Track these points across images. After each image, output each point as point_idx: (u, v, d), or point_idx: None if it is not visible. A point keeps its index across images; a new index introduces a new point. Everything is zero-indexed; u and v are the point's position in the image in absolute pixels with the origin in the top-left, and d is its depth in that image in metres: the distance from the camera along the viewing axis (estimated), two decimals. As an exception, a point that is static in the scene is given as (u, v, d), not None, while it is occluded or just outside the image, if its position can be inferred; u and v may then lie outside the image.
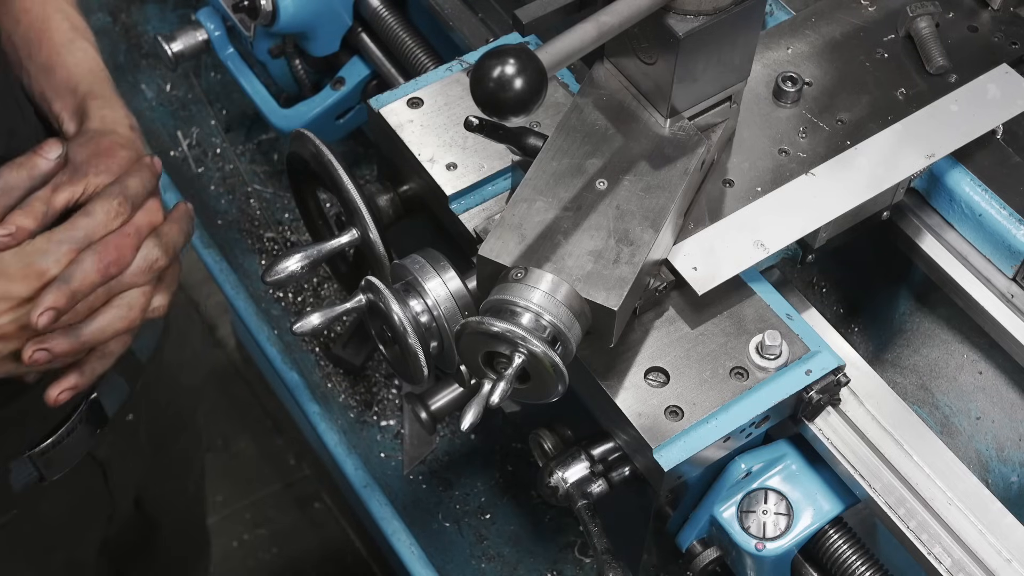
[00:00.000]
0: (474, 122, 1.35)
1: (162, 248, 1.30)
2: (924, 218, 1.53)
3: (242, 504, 3.14)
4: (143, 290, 1.29)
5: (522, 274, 1.22)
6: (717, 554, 1.41)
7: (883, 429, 1.36)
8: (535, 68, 1.05)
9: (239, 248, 2.27)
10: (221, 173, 2.37)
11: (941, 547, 1.30)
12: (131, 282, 1.28)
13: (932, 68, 1.48)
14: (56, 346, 1.23)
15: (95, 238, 1.25)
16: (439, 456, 2.03)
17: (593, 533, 1.36)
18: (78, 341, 1.25)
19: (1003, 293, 1.48)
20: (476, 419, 1.18)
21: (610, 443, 1.36)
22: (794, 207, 1.38)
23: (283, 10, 1.97)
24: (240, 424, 3.22)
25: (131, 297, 1.28)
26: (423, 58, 1.96)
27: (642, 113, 1.34)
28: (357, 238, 1.45)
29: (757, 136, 1.43)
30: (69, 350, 1.25)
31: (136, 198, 1.29)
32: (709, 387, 1.31)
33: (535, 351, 1.16)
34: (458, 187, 1.44)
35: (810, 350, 1.33)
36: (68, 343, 1.24)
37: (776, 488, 1.37)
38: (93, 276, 1.23)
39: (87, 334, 1.26)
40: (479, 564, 1.95)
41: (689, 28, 1.23)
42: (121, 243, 1.26)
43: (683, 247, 1.35)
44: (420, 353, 1.35)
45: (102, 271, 1.23)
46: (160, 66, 2.51)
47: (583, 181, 1.29)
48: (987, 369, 1.59)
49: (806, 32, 1.52)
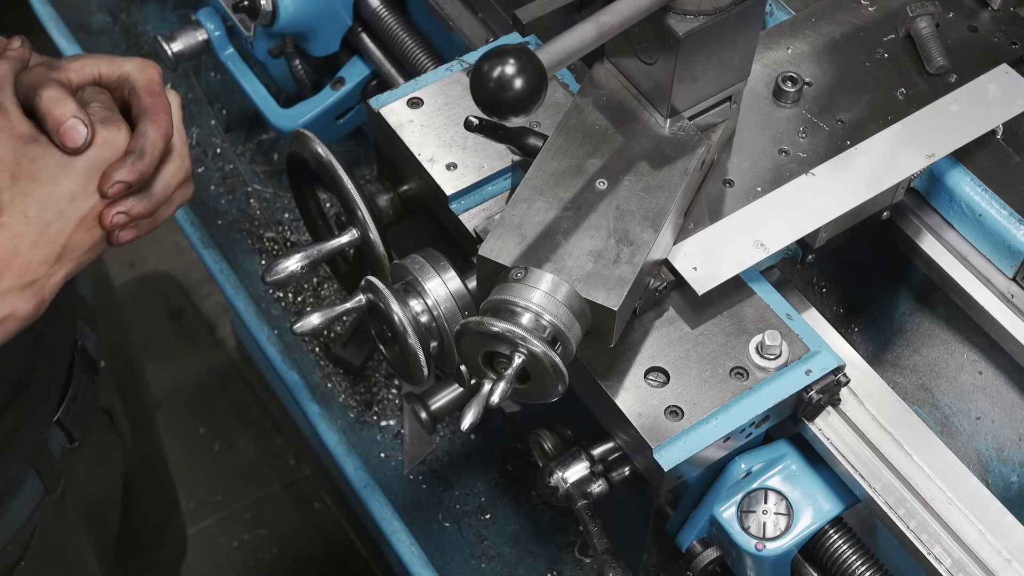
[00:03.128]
0: (474, 122, 1.35)
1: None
2: (924, 218, 1.53)
3: (242, 504, 3.14)
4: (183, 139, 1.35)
5: (522, 274, 1.22)
6: (717, 554, 1.41)
7: (883, 429, 1.36)
8: (535, 68, 1.06)
9: (239, 248, 2.27)
10: (221, 173, 2.37)
11: (941, 547, 1.30)
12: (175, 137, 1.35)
13: (932, 68, 1.48)
14: (133, 207, 1.28)
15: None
16: (439, 456, 2.03)
17: (593, 533, 1.36)
18: (152, 200, 1.30)
19: (1003, 293, 1.48)
20: (476, 419, 1.18)
21: (610, 443, 1.36)
22: (794, 207, 1.38)
23: (283, 10, 1.97)
24: (240, 424, 3.22)
25: (179, 148, 1.33)
26: (423, 58, 1.96)
27: (642, 113, 1.34)
28: (357, 238, 1.46)
29: (757, 136, 1.43)
30: (144, 210, 1.29)
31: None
32: (709, 387, 1.31)
33: (535, 351, 1.16)
34: (458, 187, 1.44)
35: (810, 350, 1.33)
36: (143, 204, 1.29)
37: (776, 488, 1.37)
38: (159, 144, 1.28)
39: (157, 191, 1.31)
40: (479, 564, 1.95)
41: (689, 28, 1.23)
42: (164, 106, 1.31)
43: (683, 247, 1.35)
44: (420, 353, 1.35)
45: (164, 136, 1.29)
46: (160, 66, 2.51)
47: (583, 181, 1.29)
48: (987, 369, 1.59)
49: (806, 32, 1.52)
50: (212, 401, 3.27)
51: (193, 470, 3.08)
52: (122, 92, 1.32)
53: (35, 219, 1.22)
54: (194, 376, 3.32)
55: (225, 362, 3.33)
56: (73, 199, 1.24)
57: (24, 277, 1.22)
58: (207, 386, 3.30)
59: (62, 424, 1.58)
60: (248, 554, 3.08)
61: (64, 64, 1.30)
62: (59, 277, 1.25)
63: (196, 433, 3.22)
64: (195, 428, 3.23)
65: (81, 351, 1.63)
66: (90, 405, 1.65)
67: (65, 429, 1.58)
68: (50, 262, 1.24)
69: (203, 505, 3.08)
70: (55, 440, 1.57)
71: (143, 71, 1.32)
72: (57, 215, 1.23)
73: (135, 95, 1.30)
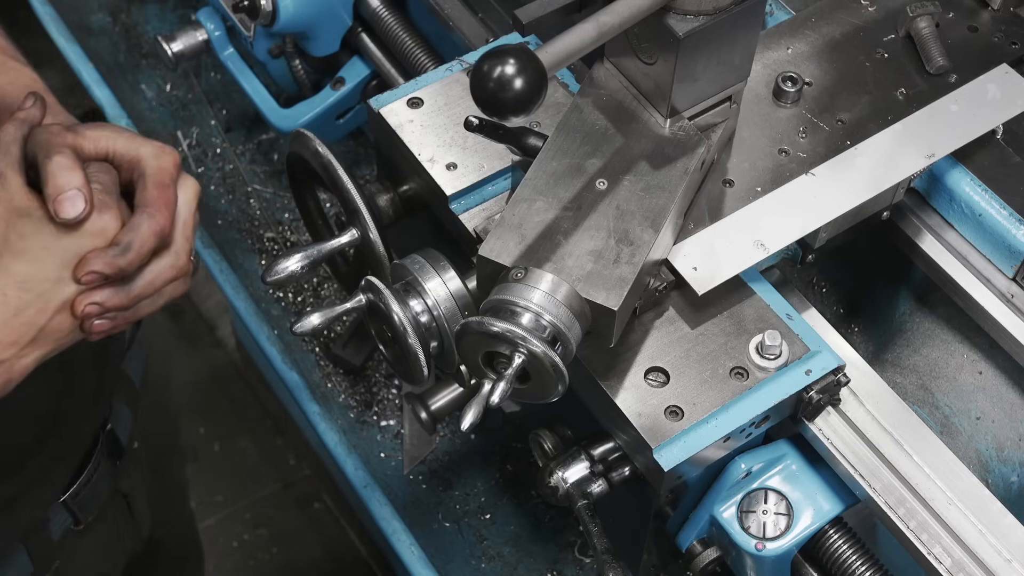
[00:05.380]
0: (474, 122, 1.35)
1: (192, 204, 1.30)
2: (924, 218, 1.53)
3: (242, 504, 3.14)
4: (186, 235, 1.27)
5: (522, 274, 1.22)
6: (717, 554, 1.41)
7: (883, 429, 1.36)
8: (535, 68, 1.06)
9: (239, 248, 2.27)
10: (221, 173, 2.37)
11: (941, 547, 1.30)
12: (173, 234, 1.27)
13: (932, 68, 1.48)
14: (108, 299, 1.21)
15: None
16: (439, 456, 2.03)
17: (593, 533, 1.36)
18: (130, 295, 1.23)
19: (1003, 293, 1.48)
20: (476, 419, 1.18)
21: (610, 443, 1.36)
22: (794, 207, 1.38)
23: (283, 10, 1.97)
24: (240, 424, 3.22)
25: (178, 244, 1.26)
26: (423, 58, 1.96)
27: (642, 113, 1.34)
28: (357, 238, 1.46)
29: (757, 136, 1.43)
30: (120, 303, 1.23)
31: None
32: (709, 387, 1.31)
33: (535, 351, 1.16)
34: (458, 187, 1.44)
35: (810, 350, 1.33)
36: (119, 297, 1.22)
37: (776, 488, 1.37)
38: (149, 241, 1.22)
39: (139, 286, 1.24)
40: (479, 564, 1.95)
41: (689, 28, 1.23)
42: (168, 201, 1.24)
43: (683, 247, 1.35)
44: (420, 353, 1.35)
45: (158, 234, 1.22)
46: (160, 66, 2.51)
47: (583, 181, 1.29)
48: (987, 369, 1.59)
49: (806, 32, 1.52)
50: (212, 401, 3.27)
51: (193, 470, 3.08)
52: (131, 175, 1.25)
53: (13, 299, 1.17)
54: (194, 376, 3.31)
55: (225, 362, 3.33)
56: (57, 282, 1.18)
57: None
58: (207, 386, 3.30)
59: (68, 506, 1.51)
60: (248, 554, 3.08)
61: (82, 130, 1.24)
62: (31, 359, 1.19)
63: (196, 433, 3.22)
64: (195, 428, 3.23)
65: (108, 434, 1.56)
66: (103, 490, 1.57)
67: (71, 511, 1.52)
68: (22, 344, 1.18)
69: (203, 505, 3.08)
70: (58, 521, 1.51)
71: (158, 158, 1.25)
72: (37, 297, 1.17)
73: (142, 183, 1.24)
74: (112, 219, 1.20)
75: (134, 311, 1.25)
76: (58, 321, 1.19)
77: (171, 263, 1.25)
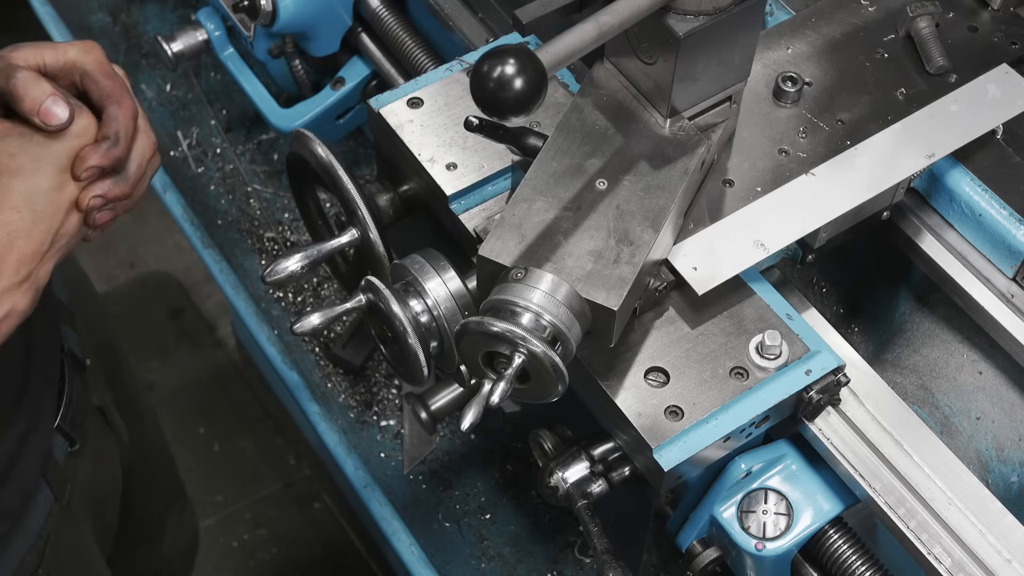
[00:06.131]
0: (474, 122, 1.35)
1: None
2: (924, 218, 1.53)
3: (242, 504, 3.14)
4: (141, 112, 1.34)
5: (522, 274, 1.22)
6: (717, 554, 1.41)
7: (883, 429, 1.36)
8: (535, 68, 1.06)
9: (239, 248, 2.27)
10: (221, 173, 2.37)
11: (941, 547, 1.30)
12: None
13: (932, 68, 1.48)
14: (110, 190, 1.28)
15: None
16: (439, 456, 2.03)
17: (593, 533, 1.36)
18: (128, 182, 1.31)
19: (1003, 293, 1.48)
20: (476, 419, 1.18)
21: (610, 443, 1.36)
22: (794, 207, 1.38)
23: (283, 10, 1.97)
24: (240, 424, 3.22)
25: (142, 123, 1.33)
26: (423, 58, 1.96)
27: (642, 113, 1.34)
28: (357, 238, 1.46)
29: (757, 136, 1.43)
30: (121, 192, 1.30)
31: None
32: (709, 387, 1.31)
33: (535, 351, 1.16)
34: (458, 187, 1.44)
35: (810, 350, 1.33)
36: (120, 186, 1.29)
37: (776, 488, 1.37)
38: (130, 126, 1.28)
39: (132, 171, 1.31)
40: (479, 564, 1.95)
41: (689, 28, 1.23)
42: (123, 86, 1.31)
43: (683, 247, 1.35)
44: (420, 353, 1.35)
45: (133, 117, 1.29)
46: (160, 66, 2.51)
47: (583, 181, 1.29)
48: (987, 369, 1.59)
49: (806, 32, 1.52)
50: (212, 401, 3.27)
51: (193, 470, 3.08)
52: (71, 78, 1.30)
53: (26, 212, 1.22)
54: (194, 376, 3.32)
55: (225, 362, 3.34)
56: (58, 188, 1.24)
57: (20, 271, 1.22)
58: (207, 386, 3.31)
59: (62, 430, 1.58)
60: (248, 554, 3.08)
61: (8, 53, 1.29)
62: (49, 266, 1.26)
63: (196, 433, 3.22)
64: (195, 428, 3.23)
65: (68, 354, 1.63)
66: (84, 406, 1.65)
67: (65, 434, 1.58)
68: (42, 252, 1.24)
69: (203, 505, 3.07)
70: (57, 446, 1.57)
71: (89, 53, 1.31)
72: (47, 205, 1.24)
73: (90, 79, 1.29)
74: (88, 118, 1.27)
75: (132, 197, 1.32)
76: (69, 223, 1.26)
77: (147, 141, 1.33)
